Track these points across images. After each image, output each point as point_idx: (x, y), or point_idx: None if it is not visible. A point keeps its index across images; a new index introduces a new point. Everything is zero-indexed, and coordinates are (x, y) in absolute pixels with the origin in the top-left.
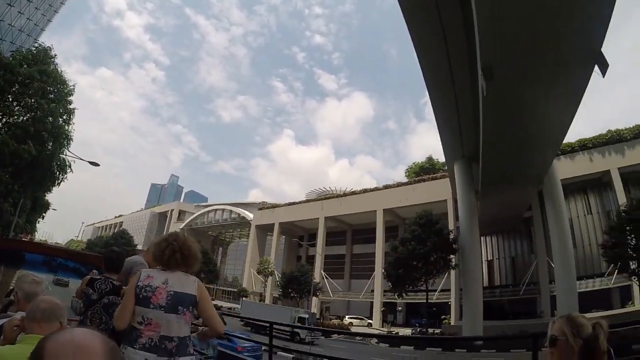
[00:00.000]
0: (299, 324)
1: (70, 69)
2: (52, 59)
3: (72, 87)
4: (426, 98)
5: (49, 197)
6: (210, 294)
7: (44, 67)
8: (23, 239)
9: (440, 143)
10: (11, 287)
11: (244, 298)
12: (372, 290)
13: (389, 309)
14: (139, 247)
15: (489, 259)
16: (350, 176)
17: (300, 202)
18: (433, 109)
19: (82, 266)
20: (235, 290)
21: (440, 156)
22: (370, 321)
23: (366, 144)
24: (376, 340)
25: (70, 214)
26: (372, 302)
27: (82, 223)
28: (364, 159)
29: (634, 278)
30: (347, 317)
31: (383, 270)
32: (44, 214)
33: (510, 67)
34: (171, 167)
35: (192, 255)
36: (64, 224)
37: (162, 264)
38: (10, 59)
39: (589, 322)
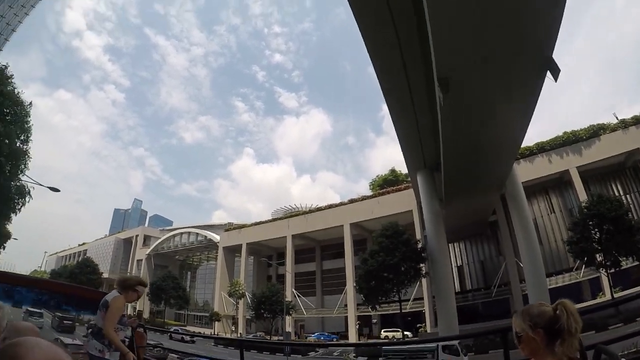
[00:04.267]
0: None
1: (28, 91)
2: (9, 79)
3: (28, 106)
4: (384, 112)
5: (9, 226)
6: (181, 319)
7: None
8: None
9: (402, 155)
10: None
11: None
12: (346, 305)
13: (364, 322)
14: (105, 275)
15: (458, 264)
16: (313, 192)
17: (266, 222)
18: (393, 121)
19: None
20: (207, 314)
21: (402, 168)
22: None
23: (327, 160)
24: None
25: (31, 243)
26: (346, 317)
27: (45, 252)
28: (326, 174)
29: (602, 270)
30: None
31: (354, 284)
32: (4, 244)
33: (465, 77)
34: (134, 191)
35: None
36: (26, 254)
37: None
38: None
39: (549, 307)
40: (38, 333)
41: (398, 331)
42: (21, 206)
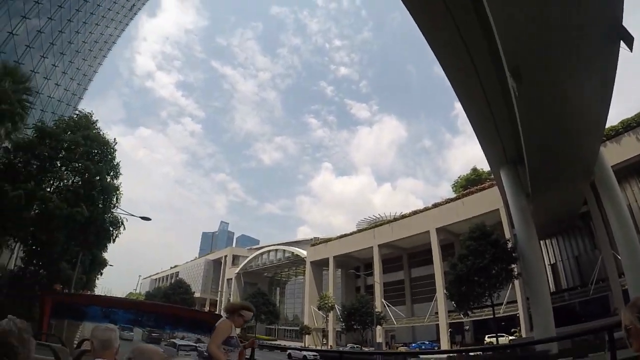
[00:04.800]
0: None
1: (111, 132)
2: (94, 124)
3: (114, 145)
4: (457, 109)
5: (105, 254)
6: (272, 334)
7: (86, 132)
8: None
9: (482, 152)
10: (84, 338)
11: (306, 335)
12: (436, 313)
13: (455, 329)
14: (197, 294)
15: (552, 262)
16: (395, 199)
17: (352, 234)
18: (468, 119)
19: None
20: (297, 328)
21: (484, 165)
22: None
23: (405, 166)
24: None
25: (126, 268)
26: (437, 325)
27: (139, 276)
28: (406, 181)
29: None
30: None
31: (444, 291)
32: (101, 271)
33: (536, 61)
34: (219, 214)
35: None
36: (121, 278)
37: None
38: (55, 127)
39: None
40: (163, 356)
41: (503, 336)
42: (116, 236)
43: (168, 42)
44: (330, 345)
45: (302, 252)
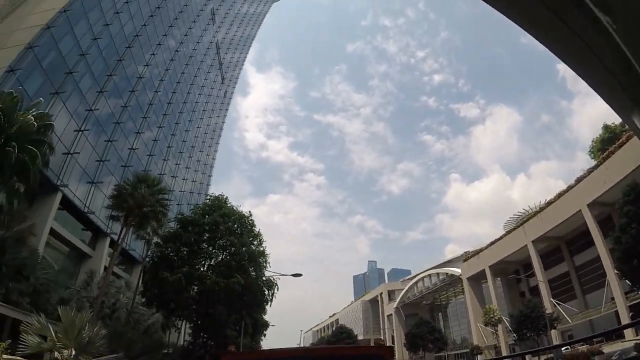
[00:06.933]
0: None
1: (244, 206)
2: (226, 203)
3: (249, 217)
4: (562, 70)
5: (265, 315)
6: None
7: (222, 211)
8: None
9: (605, 104)
10: None
11: (478, 356)
12: (612, 298)
13: (638, 311)
14: (360, 337)
15: None
16: (534, 188)
17: (501, 238)
18: (577, 73)
19: None
20: (467, 350)
21: (614, 118)
22: None
23: (533, 149)
24: None
25: (286, 326)
26: (616, 312)
27: (301, 331)
28: (538, 165)
29: None
30: None
31: (615, 271)
32: (264, 332)
33: None
34: (364, 254)
35: None
36: (284, 337)
37: None
38: (193, 215)
39: None
40: None
41: None
42: (272, 297)
43: (268, 112)
44: None
45: (456, 271)
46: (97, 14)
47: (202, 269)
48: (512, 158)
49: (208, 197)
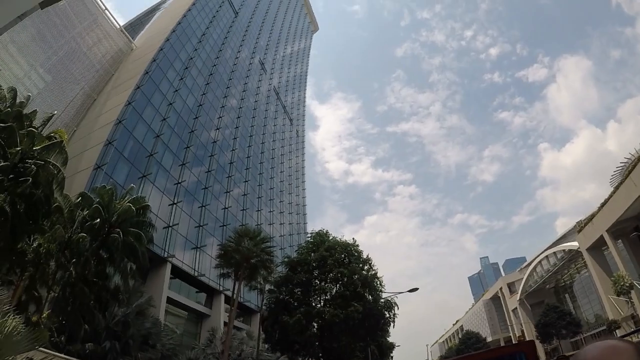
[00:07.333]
0: None
1: (345, 235)
2: (328, 236)
3: (354, 244)
4: None
5: (389, 337)
6: (578, 345)
7: (326, 245)
8: None
9: None
10: None
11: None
12: None
13: None
14: (488, 338)
15: None
16: (629, 133)
17: (610, 196)
18: None
19: None
20: (604, 327)
21: None
22: None
23: (613, 90)
24: None
25: (410, 344)
26: None
27: (427, 345)
28: (624, 106)
29: None
30: None
31: None
32: (391, 355)
33: None
34: (474, 252)
35: None
36: (411, 355)
37: None
38: (299, 255)
39: None
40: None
41: None
42: (393, 317)
43: (342, 139)
44: None
45: (573, 245)
46: (159, 97)
47: (318, 305)
48: (596, 107)
49: (309, 235)
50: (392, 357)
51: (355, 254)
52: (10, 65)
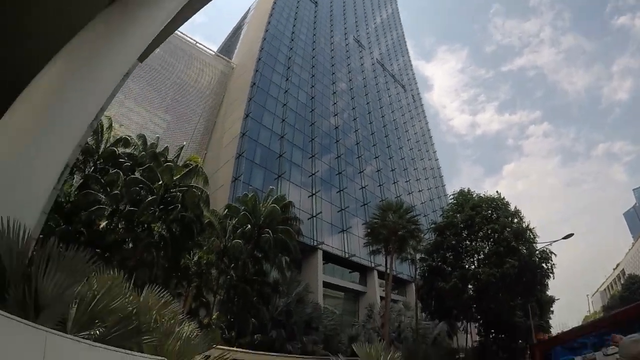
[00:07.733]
0: None
1: (486, 189)
2: (471, 194)
3: (500, 197)
4: None
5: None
6: None
7: (470, 203)
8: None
9: None
10: None
11: None
12: None
13: None
14: None
15: None
16: None
17: None
18: None
19: None
20: None
21: None
22: None
23: None
24: None
25: (569, 295)
26: None
27: (587, 295)
28: None
29: None
30: None
31: None
32: (552, 309)
33: None
34: (625, 184)
35: None
36: (569, 307)
37: None
38: (445, 219)
39: None
40: None
41: None
42: (552, 269)
43: (460, 91)
44: None
45: None
46: (272, 102)
47: (472, 267)
48: None
49: (451, 197)
50: (552, 312)
51: (502, 207)
52: (131, 117)
